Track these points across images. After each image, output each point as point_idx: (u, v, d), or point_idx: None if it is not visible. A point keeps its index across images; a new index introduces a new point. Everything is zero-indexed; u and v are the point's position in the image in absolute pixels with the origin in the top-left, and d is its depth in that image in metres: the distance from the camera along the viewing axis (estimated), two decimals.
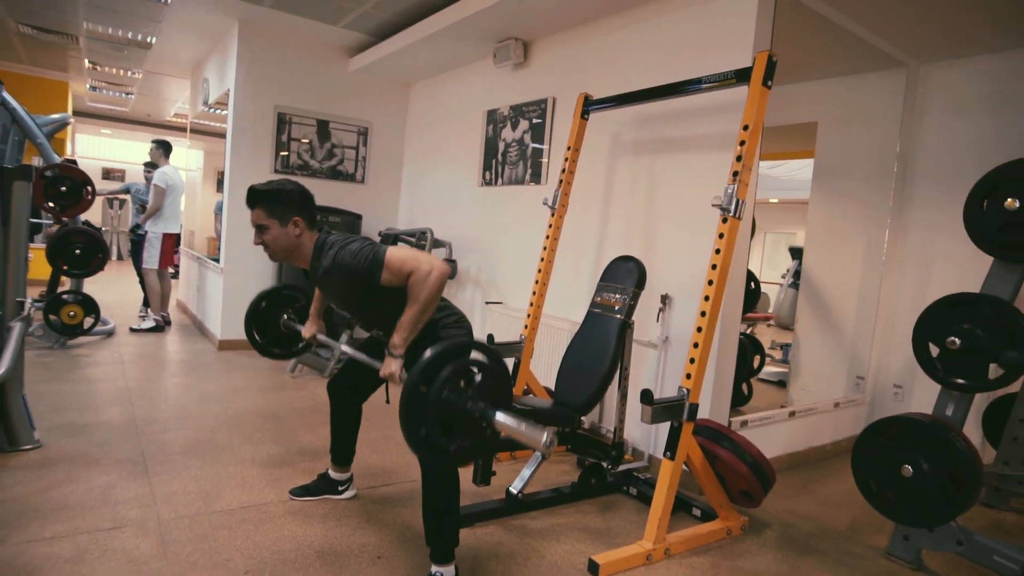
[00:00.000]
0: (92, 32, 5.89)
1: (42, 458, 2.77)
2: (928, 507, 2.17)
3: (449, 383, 1.54)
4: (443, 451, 1.57)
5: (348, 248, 2.00)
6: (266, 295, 2.73)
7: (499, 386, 1.64)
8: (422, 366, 1.53)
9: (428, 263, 1.88)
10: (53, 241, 4.75)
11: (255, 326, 2.70)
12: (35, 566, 1.95)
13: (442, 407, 1.53)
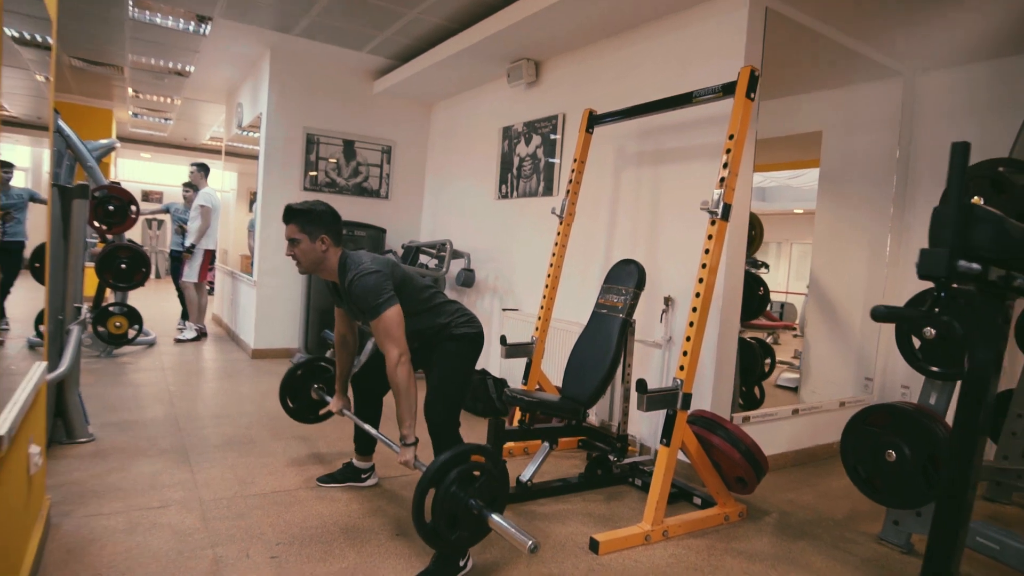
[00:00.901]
0: (136, 63, 6.32)
1: (96, 449, 3.06)
2: (910, 490, 2.30)
3: (455, 484, 1.83)
4: (445, 539, 1.85)
5: (364, 281, 2.23)
6: (301, 365, 3.02)
7: (497, 487, 1.93)
8: (431, 473, 1.83)
9: (396, 353, 2.17)
10: (101, 256, 5.10)
11: (289, 394, 2.98)
12: (96, 536, 2.20)
13: (448, 504, 1.83)
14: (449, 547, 1.93)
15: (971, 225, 1.06)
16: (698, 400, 3.06)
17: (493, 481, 1.91)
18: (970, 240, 1.06)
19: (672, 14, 3.41)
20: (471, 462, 1.90)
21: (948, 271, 1.02)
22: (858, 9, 3.22)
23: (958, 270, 1.02)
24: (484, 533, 1.93)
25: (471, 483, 1.87)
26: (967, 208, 1.07)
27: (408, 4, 4.18)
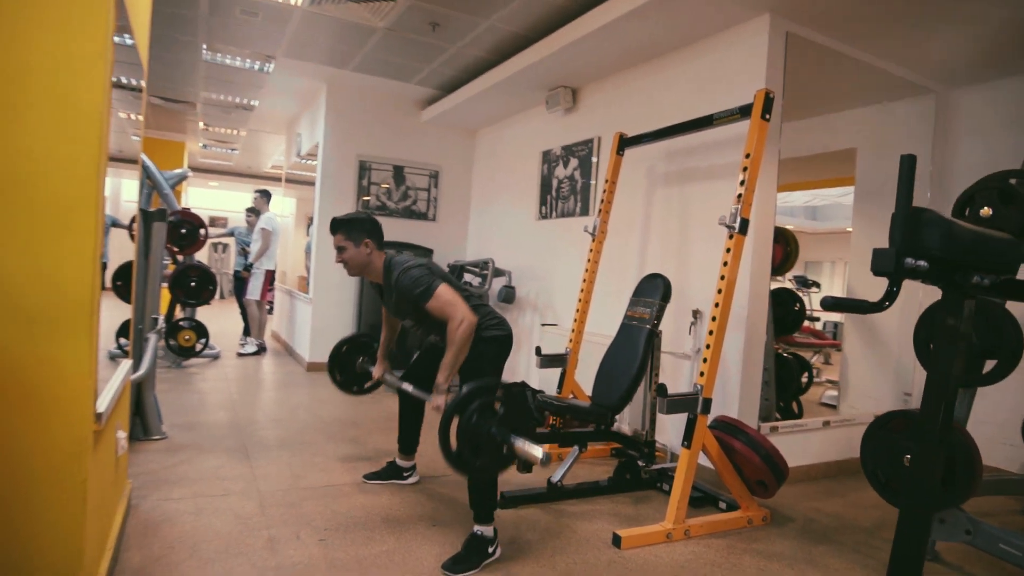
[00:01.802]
0: (207, 99, 6.89)
1: (168, 446, 3.38)
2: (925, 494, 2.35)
3: (476, 414, 1.99)
4: (470, 466, 2.02)
5: (409, 274, 2.49)
6: (346, 341, 3.28)
7: (518, 416, 2.07)
8: (455, 403, 1.99)
9: (461, 315, 2.37)
10: (174, 275, 5.57)
11: (337, 368, 3.24)
12: (168, 517, 2.49)
13: (470, 432, 1.98)
14: (474, 472, 2.09)
15: (920, 227, 1.20)
16: (725, 409, 3.17)
17: (514, 412, 2.04)
18: (920, 241, 1.20)
19: (698, 41, 3.59)
20: (493, 395, 2.03)
21: (895, 267, 1.16)
22: (883, 30, 3.30)
23: (904, 267, 1.16)
24: (507, 461, 2.05)
25: (492, 413, 2.02)
26: (917, 212, 1.21)
27: (451, 39, 4.50)
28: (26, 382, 1.43)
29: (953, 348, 1.31)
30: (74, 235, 1.47)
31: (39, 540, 1.48)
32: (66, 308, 1.47)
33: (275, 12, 4.27)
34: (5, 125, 1.39)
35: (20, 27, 1.39)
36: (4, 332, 1.40)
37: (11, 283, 1.41)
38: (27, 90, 1.41)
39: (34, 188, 1.42)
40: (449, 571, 2.19)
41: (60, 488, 1.49)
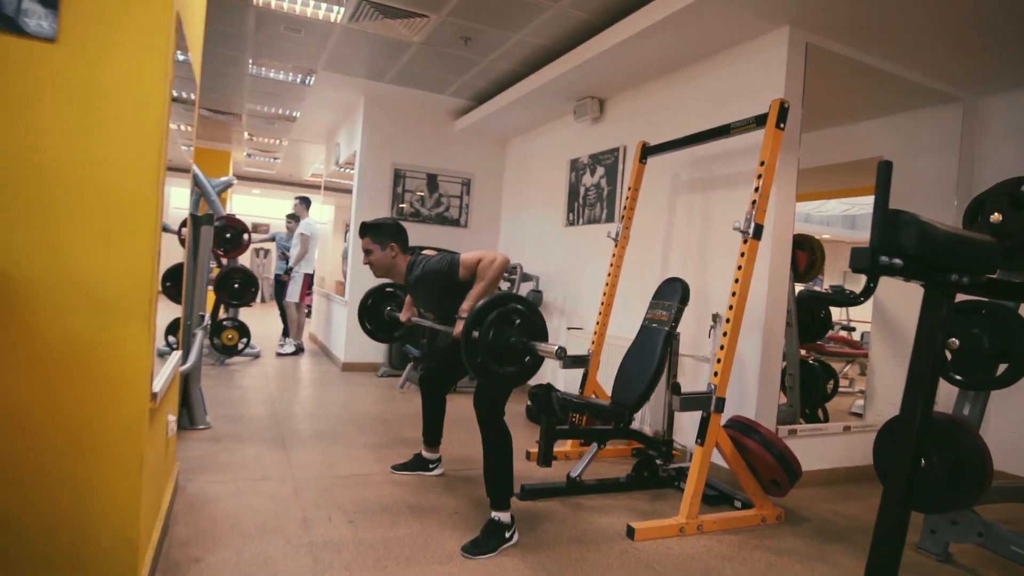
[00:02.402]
0: (252, 111, 7.23)
1: (211, 435, 3.61)
2: (937, 495, 2.38)
3: (495, 324, 2.10)
4: (495, 374, 2.14)
5: (432, 260, 2.67)
6: (372, 293, 3.47)
7: (534, 327, 2.19)
8: (473, 315, 2.12)
9: (493, 255, 2.56)
10: (219, 277, 5.87)
11: (366, 317, 3.42)
12: (211, 496, 2.69)
13: (491, 342, 2.10)
14: (503, 381, 2.22)
15: (897, 228, 1.29)
16: (743, 410, 3.23)
17: (530, 322, 2.18)
18: (896, 240, 1.29)
19: (719, 53, 3.68)
20: (508, 306, 2.15)
21: (871, 265, 1.26)
22: (906, 40, 3.34)
23: (880, 264, 1.25)
24: (530, 368, 2.17)
25: (510, 323, 2.15)
26: (895, 214, 1.31)
27: (482, 52, 4.68)
28: (95, 362, 1.63)
29: (931, 345, 1.39)
30: (138, 234, 1.67)
31: (102, 503, 1.67)
32: (130, 297, 1.66)
33: (317, 29, 4.52)
34: (84, 137, 1.59)
35: (95, 52, 1.59)
36: (80, 318, 1.60)
37: (86, 275, 1.61)
38: (101, 107, 1.61)
39: (105, 192, 1.62)
40: (468, 553, 2.33)
41: (120, 457, 1.68)
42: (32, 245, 1.56)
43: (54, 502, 1.62)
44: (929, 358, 1.37)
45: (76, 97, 1.59)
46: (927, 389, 1.37)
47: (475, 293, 2.54)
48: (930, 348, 1.37)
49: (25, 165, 1.54)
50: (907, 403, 1.40)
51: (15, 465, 1.57)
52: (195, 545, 2.25)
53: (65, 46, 1.56)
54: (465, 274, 2.59)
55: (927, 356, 1.38)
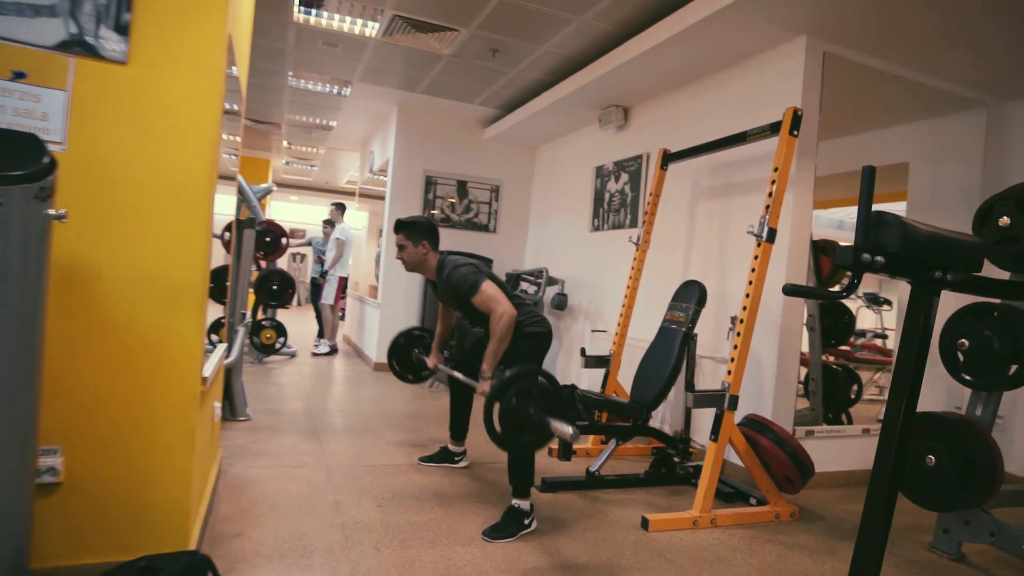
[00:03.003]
0: (291, 120, 7.54)
1: (251, 426, 3.83)
2: (947, 492, 2.44)
3: (516, 396, 2.23)
4: (514, 443, 2.26)
5: (458, 271, 2.82)
6: (403, 335, 3.65)
7: (553, 398, 2.31)
8: (497, 387, 2.23)
9: (502, 309, 2.68)
10: (259, 279, 6.14)
11: (395, 358, 3.60)
12: (251, 480, 2.89)
13: (512, 413, 2.23)
14: (520, 449, 2.34)
15: (881, 228, 1.40)
16: (760, 410, 3.30)
17: (548, 394, 2.29)
18: (880, 239, 1.39)
19: (740, 62, 3.78)
20: (528, 380, 2.27)
21: (854, 261, 1.36)
22: (925, 47, 3.38)
23: (862, 261, 1.36)
24: (547, 437, 2.26)
25: (529, 396, 2.27)
26: (878, 215, 1.41)
27: (510, 63, 4.85)
28: (154, 347, 1.83)
29: (916, 337, 1.48)
30: (193, 235, 1.86)
31: (158, 474, 1.86)
32: (186, 291, 1.86)
33: (353, 43, 4.75)
34: (148, 147, 1.80)
35: (159, 72, 1.80)
36: (142, 308, 1.81)
37: (148, 270, 1.81)
38: (163, 120, 1.81)
39: (165, 196, 1.82)
40: (488, 537, 2.47)
41: (175, 433, 1.87)
42: (102, 242, 1.76)
43: (118, 471, 1.82)
44: (914, 350, 1.47)
45: (142, 112, 1.79)
46: (912, 379, 1.47)
47: (491, 351, 2.71)
48: (915, 340, 1.47)
49: (98, 171, 1.75)
50: (893, 393, 1.50)
51: (86, 437, 1.77)
52: (237, 521, 2.44)
53: (134, 67, 1.77)
54: (479, 306, 2.76)
55: (912, 348, 1.47)
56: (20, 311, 1.34)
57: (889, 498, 1.52)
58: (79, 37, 1.71)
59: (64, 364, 1.72)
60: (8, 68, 1.65)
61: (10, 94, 1.66)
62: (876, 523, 1.53)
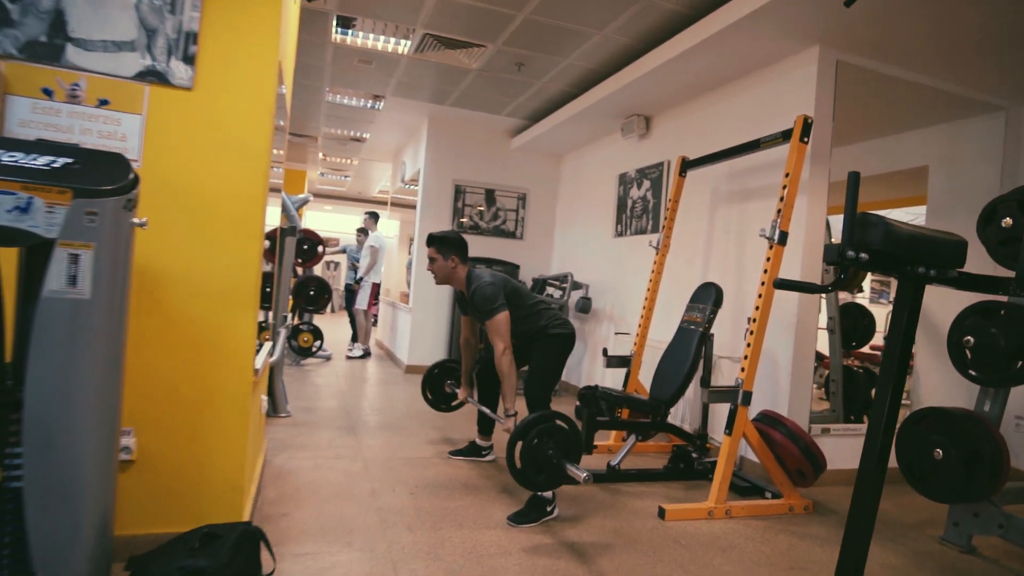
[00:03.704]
0: (327, 133, 7.87)
1: (291, 422, 4.07)
2: (954, 484, 2.53)
3: (536, 438, 2.44)
4: (532, 480, 2.48)
5: (483, 290, 3.03)
6: (437, 366, 3.87)
7: (570, 442, 2.50)
8: (518, 430, 2.46)
9: (503, 347, 2.92)
10: (297, 284, 6.44)
11: (428, 388, 3.82)
12: (293, 468, 3.11)
13: (532, 453, 2.44)
14: (536, 487, 2.54)
15: (865, 227, 1.54)
16: (776, 407, 3.41)
17: (567, 437, 2.50)
18: (865, 238, 1.53)
19: (755, 71, 3.91)
20: (549, 423, 2.50)
21: (839, 258, 1.51)
22: (938, 53, 3.46)
23: (847, 257, 1.50)
24: (563, 477, 2.49)
25: (550, 438, 2.48)
26: (863, 216, 1.55)
27: (535, 76, 5.05)
28: (213, 340, 2.06)
29: (901, 327, 1.62)
30: (247, 240, 2.09)
31: (216, 453, 2.09)
32: (240, 290, 2.09)
33: (386, 60, 5.01)
34: (209, 162, 2.03)
35: (219, 96, 2.04)
36: (203, 304, 2.04)
37: (208, 272, 2.04)
38: (222, 138, 2.05)
39: (223, 206, 2.05)
40: (512, 522, 2.64)
41: (231, 417, 2.10)
42: (168, 247, 2.00)
43: (182, 451, 2.05)
44: (899, 340, 1.60)
45: (204, 131, 2.03)
46: (898, 367, 1.60)
47: (505, 391, 2.97)
48: (900, 331, 1.60)
49: (165, 185, 1.99)
50: (881, 380, 1.63)
51: (154, 420, 2.01)
52: (283, 504, 2.66)
53: (198, 92, 2.01)
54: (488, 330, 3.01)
55: (898, 338, 1.61)
56: (110, 308, 1.57)
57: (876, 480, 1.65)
58: (153, 68, 1.96)
59: (136, 355, 1.95)
60: (95, 97, 1.90)
61: (96, 119, 1.91)
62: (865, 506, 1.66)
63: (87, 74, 1.91)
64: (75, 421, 1.54)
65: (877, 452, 1.61)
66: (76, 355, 1.53)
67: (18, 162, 1.48)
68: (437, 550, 2.33)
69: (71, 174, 1.51)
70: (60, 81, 1.90)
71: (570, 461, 2.45)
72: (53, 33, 1.88)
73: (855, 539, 1.67)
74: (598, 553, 2.43)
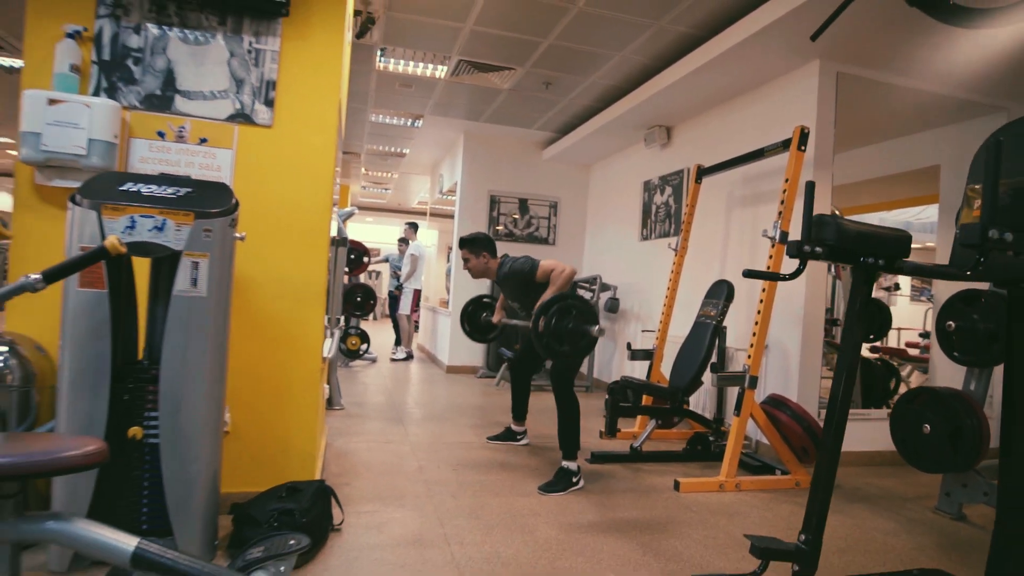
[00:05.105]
0: (369, 150, 8.41)
1: (345, 414, 4.54)
2: (940, 456, 2.80)
3: (556, 315, 2.83)
4: (557, 351, 2.86)
5: (517, 262, 3.42)
6: (472, 301, 4.25)
7: (586, 316, 2.90)
8: (540, 308, 2.86)
9: (563, 266, 3.28)
10: (345, 291, 6.95)
11: (466, 320, 4.21)
12: (351, 450, 3.56)
13: (554, 326, 2.83)
14: (561, 355, 2.93)
15: (821, 226, 1.87)
16: (786, 393, 3.70)
17: (582, 313, 2.90)
18: (820, 235, 1.87)
19: (764, 84, 4.22)
20: (565, 302, 2.88)
21: (798, 251, 1.84)
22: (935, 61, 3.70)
23: (804, 251, 1.83)
24: (585, 346, 2.88)
25: (568, 313, 2.87)
26: (819, 217, 1.89)
27: (562, 93, 5.44)
28: (293, 332, 2.50)
29: (854, 313, 1.94)
30: (317, 250, 2.54)
31: (294, 427, 2.53)
32: (312, 291, 2.53)
33: (424, 84, 5.47)
34: (285, 186, 2.49)
35: (295, 132, 2.49)
36: (283, 303, 2.49)
37: (288, 276, 2.49)
38: (297, 166, 2.50)
39: (298, 222, 2.50)
40: (542, 491, 3.02)
41: (306, 397, 2.54)
42: (254, 256, 2.45)
43: (265, 424, 2.49)
44: (854, 321, 1.93)
45: (281, 161, 2.49)
46: (854, 345, 1.93)
47: (547, 297, 3.26)
48: (854, 314, 1.93)
49: (250, 205, 2.45)
50: (840, 358, 1.96)
51: (245, 399, 2.46)
52: (344, 476, 3.09)
53: (276, 129, 2.47)
54: (541, 277, 3.32)
55: (853, 319, 1.93)
56: (219, 304, 2.02)
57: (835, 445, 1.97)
58: (241, 111, 2.42)
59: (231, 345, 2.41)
60: (197, 136, 2.38)
61: (198, 154, 2.38)
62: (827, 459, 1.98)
63: (191, 118, 2.39)
64: (195, 393, 1.99)
65: (836, 415, 1.93)
66: (196, 341, 1.98)
67: (154, 192, 1.94)
68: (477, 512, 2.72)
69: (191, 200, 1.97)
70: (170, 125, 2.38)
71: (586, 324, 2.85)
72: (165, 87, 2.36)
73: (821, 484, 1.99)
74: (616, 514, 2.78)
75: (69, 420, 1.89)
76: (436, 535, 2.43)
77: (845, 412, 1.97)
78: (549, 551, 2.34)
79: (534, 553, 2.31)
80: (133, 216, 1.88)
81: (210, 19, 2.39)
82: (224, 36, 2.41)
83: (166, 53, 2.36)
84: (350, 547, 2.26)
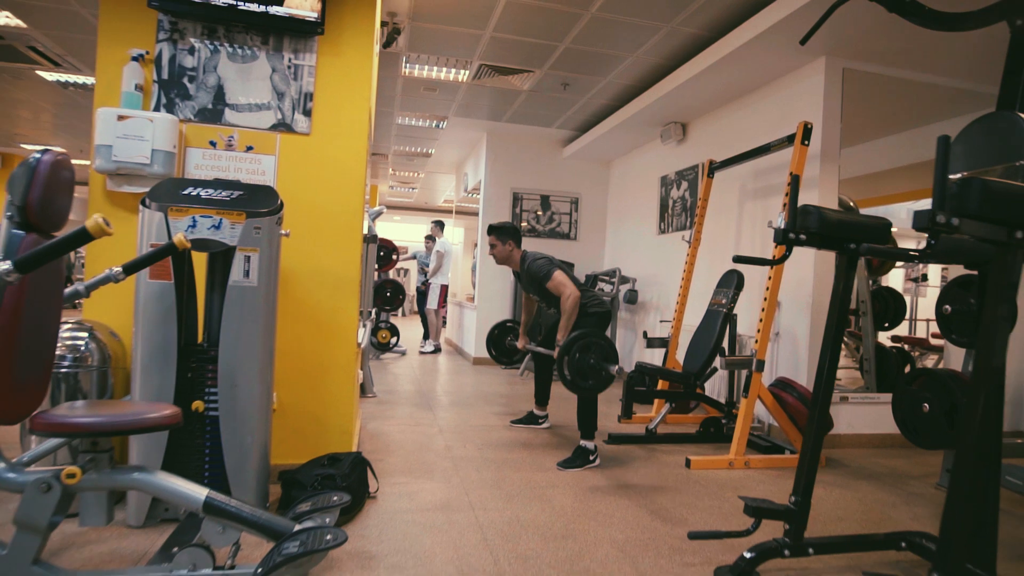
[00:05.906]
0: (396, 151, 8.71)
1: (377, 401, 4.82)
2: (938, 434, 2.94)
3: (579, 352, 3.05)
4: (580, 387, 3.09)
5: (536, 263, 3.64)
6: (497, 326, 4.52)
7: (607, 353, 3.11)
8: (563, 349, 3.08)
9: (569, 291, 3.49)
10: (375, 287, 7.26)
11: (492, 345, 4.47)
12: (383, 432, 3.83)
13: (577, 364, 3.05)
14: (585, 392, 3.15)
15: (805, 216, 2.06)
16: (796, 378, 3.86)
17: (603, 349, 3.11)
18: (804, 223, 2.05)
19: (773, 81, 4.37)
20: (587, 339, 3.09)
21: (784, 238, 2.03)
22: (942, 55, 3.81)
23: (789, 238, 2.03)
24: (606, 381, 3.09)
25: (589, 351, 3.08)
26: (804, 207, 2.07)
27: (580, 93, 5.64)
28: (331, 319, 2.77)
29: (837, 296, 2.12)
30: (351, 244, 2.80)
31: (334, 406, 2.80)
32: (348, 282, 2.80)
33: (448, 87, 5.73)
34: (322, 187, 2.76)
35: (330, 139, 2.76)
36: (323, 293, 2.76)
37: (326, 269, 2.76)
38: (333, 170, 2.77)
39: (335, 220, 2.77)
40: (561, 466, 3.25)
41: (343, 378, 2.81)
42: (296, 250, 2.73)
43: (307, 403, 2.77)
44: (836, 303, 2.12)
45: (318, 165, 2.76)
46: (837, 327, 2.11)
47: (562, 325, 3.51)
48: (837, 297, 2.11)
49: (292, 205, 2.72)
50: (825, 339, 2.15)
51: (289, 380, 2.73)
52: (378, 453, 3.36)
53: (314, 137, 2.74)
54: (552, 288, 3.56)
55: (836, 302, 2.12)
56: (268, 294, 2.29)
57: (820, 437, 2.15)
58: (283, 121, 2.70)
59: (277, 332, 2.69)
60: (244, 144, 2.66)
61: (245, 160, 2.66)
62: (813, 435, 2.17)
63: (238, 129, 2.67)
64: (248, 373, 2.27)
65: (822, 390, 2.12)
66: (249, 326, 2.26)
67: (211, 196, 2.22)
68: (499, 483, 2.97)
69: (243, 202, 2.24)
70: (221, 135, 2.66)
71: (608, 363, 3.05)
72: (216, 101, 2.65)
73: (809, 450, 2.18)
74: (629, 487, 3.00)
75: (143, 394, 2.18)
76: (462, 502, 2.67)
77: (830, 387, 2.16)
78: (564, 516, 2.57)
79: (550, 517, 2.54)
80: (195, 216, 2.16)
81: (254, 39, 2.67)
82: (267, 54, 2.68)
83: (216, 71, 2.64)
84: (385, 511, 2.52)
